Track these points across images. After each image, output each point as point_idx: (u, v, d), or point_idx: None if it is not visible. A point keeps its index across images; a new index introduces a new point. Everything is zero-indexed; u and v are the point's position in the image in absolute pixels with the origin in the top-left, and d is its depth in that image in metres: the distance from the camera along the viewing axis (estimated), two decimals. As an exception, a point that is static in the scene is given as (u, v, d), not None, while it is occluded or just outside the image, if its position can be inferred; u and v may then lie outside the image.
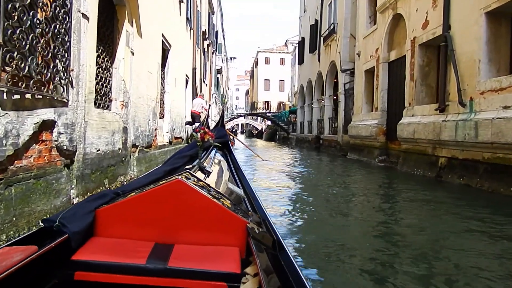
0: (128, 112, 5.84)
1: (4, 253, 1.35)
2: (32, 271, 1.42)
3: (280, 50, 65.69)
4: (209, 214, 1.86)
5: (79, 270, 1.57)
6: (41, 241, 1.53)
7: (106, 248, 1.69)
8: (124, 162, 5.73)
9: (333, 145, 17.63)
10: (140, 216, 1.86)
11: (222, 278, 1.56)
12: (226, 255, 1.72)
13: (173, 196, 1.85)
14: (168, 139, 9.99)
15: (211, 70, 29.67)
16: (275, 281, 1.39)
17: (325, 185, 8.22)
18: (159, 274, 1.56)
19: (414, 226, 4.49)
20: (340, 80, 16.75)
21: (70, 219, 1.69)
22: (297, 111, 28.10)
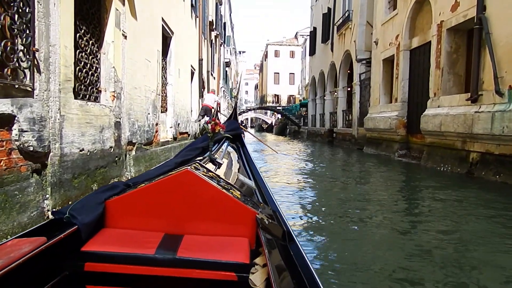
0: (122, 104, 5.11)
1: (13, 245, 1.35)
2: (42, 263, 1.41)
3: (290, 42, 64.62)
4: (219, 205, 1.85)
5: (89, 261, 1.57)
6: (51, 233, 1.51)
7: (116, 239, 1.69)
8: (118, 162, 5.01)
9: (347, 138, 16.77)
10: (149, 207, 1.86)
11: (231, 268, 1.56)
12: (235, 245, 1.72)
13: (182, 186, 1.84)
14: (172, 135, 9.26)
15: (219, 63, 28.87)
16: (284, 272, 1.36)
17: (341, 180, 7.44)
18: (168, 264, 1.55)
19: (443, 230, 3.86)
20: (355, 70, 15.85)
21: (80, 210, 1.69)
22: (309, 104, 27.19)
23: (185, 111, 11.35)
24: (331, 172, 8.72)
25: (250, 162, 3.63)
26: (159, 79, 7.66)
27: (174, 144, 9.37)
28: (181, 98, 10.54)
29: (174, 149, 9.19)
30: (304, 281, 1.27)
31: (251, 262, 1.59)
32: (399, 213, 4.77)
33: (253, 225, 1.84)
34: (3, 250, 1.32)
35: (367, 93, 14.94)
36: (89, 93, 4.33)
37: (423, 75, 10.25)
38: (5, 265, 1.22)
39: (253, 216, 1.84)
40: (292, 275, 1.33)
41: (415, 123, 10.62)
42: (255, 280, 1.48)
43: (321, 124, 23.34)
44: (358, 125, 15.41)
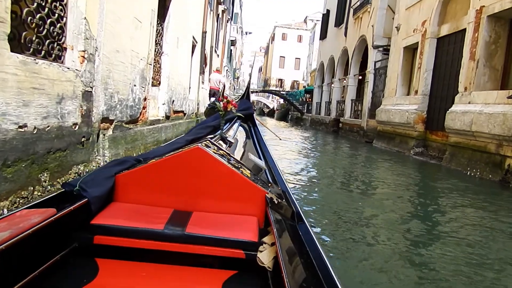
0: (95, 69, 4.00)
1: (23, 215, 1.35)
2: (51, 234, 1.41)
3: (298, 26, 62.93)
4: (228, 183, 1.85)
5: (98, 234, 1.57)
6: (61, 205, 1.52)
7: (125, 213, 1.70)
8: (86, 144, 3.94)
9: (355, 130, 15.69)
10: (159, 183, 1.85)
11: (239, 246, 1.56)
12: (244, 223, 1.72)
13: (192, 163, 1.84)
14: (165, 113, 8.16)
15: (224, 40, 27.50)
16: (292, 250, 1.37)
17: (352, 179, 6.41)
18: (176, 240, 1.56)
19: (471, 245, 3.31)
20: (370, 57, 14.65)
21: (90, 183, 1.69)
22: (314, 91, 25.98)
23: (182, 87, 10.21)
24: (340, 169, 7.67)
25: (261, 142, 3.60)
26: (152, 45, 6.52)
27: (166, 124, 8.28)
28: (178, 71, 9.39)
29: (166, 130, 8.10)
30: (312, 261, 1.27)
31: (260, 241, 1.58)
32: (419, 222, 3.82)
33: (262, 204, 1.84)
34: (12, 220, 1.31)
35: (382, 83, 13.80)
36: (46, 48, 3.20)
37: (451, 67, 9.12)
38: (14, 235, 1.20)
39: (262, 195, 1.84)
40: (300, 254, 1.34)
41: (436, 119, 9.55)
42: (263, 258, 1.47)
43: (327, 113, 22.21)
44: (368, 117, 14.31)
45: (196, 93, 13.34)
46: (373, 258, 2.88)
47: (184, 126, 10.71)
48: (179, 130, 9.79)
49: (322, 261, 1.27)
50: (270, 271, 1.45)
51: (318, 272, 1.22)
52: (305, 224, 1.64)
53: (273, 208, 1.73)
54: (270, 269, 1.45)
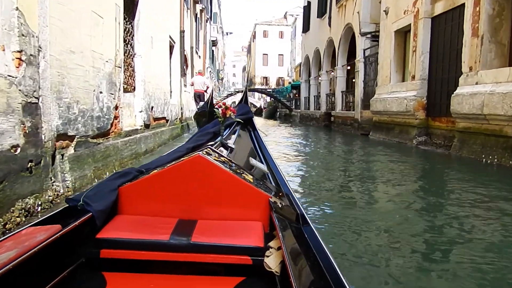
0: (41, 75, 3.18)
1: (28, 233, 1.35)
2: (58, 250, 1.41)
3: (279, 22, 62.36)
4: (231, 189, 1.85)
5: (105, 247, 1.56)
6: (66, 220, 1.52)
7: (130, 225, 1.70)
8: (36, 170, 3.11)
9: (348, 123, 15.00)
10: (162, 193, 1.85)
11: (245, 252, 1.55)
12: (249, 229, 1.70)
13: (194, 171, 1.84)
14: (143, 121, 7.33)
15: (205, 41, 26.65)
16: (299, 254, 1.34)
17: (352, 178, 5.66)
18: (183, 250, 1.55)
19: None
20: (358, 46, 13.96)
21: (93, 197, 1.69)
22: (301, 86, 25.25)
23: (162, 92, 9.37)
24: (339, 166, 6.92)
25: (262, 146, 3.60)
26: (120, 45, 5.69)
27: (146, 134, 7.44)
28: (155, 74, 8.55)
29: (146, 141, 7.27)
30: (320, 264, 1.25)
31: (266, 246, 1.57)
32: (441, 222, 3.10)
33: (266, 209, 1.83)
34: (18, 239, 1.30)
35: (373, 71, 13.12)
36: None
37: (451, 47, 8.45)
38: (21, 253, 1.20)
39: (266, 200, 1.83)
40: (307, 257, 1.31)
41: (439, 104, 8.88)
42: (270, 263, 1.46)
43: (316, 107, 21.51)
44: (362, 108, 13.62)
45: (178, 97, 12.51)
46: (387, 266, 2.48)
47: (168, 133, 9.87)
48: (161, 139, 8.95)
49: (329, 263, 1.25)
50: (278, 275, 1.44)
51: (326, 274, 1.18)
52: (310, 226, 1.61)
53: (277, 212, 1.72)
54: (277, 274, 1.44)
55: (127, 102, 6.73)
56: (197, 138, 2.89)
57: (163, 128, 9.40)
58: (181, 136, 12.24)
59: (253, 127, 4.26)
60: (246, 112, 4.32)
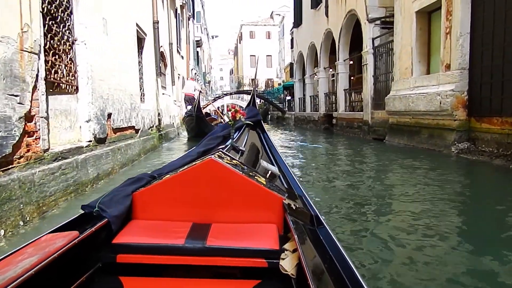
0: None
1: (47, 240, 1.37)
2: (75, 256, 1.43)
3: (265, 22, 60.51)
4: (244, 192, 1.84)
5: (121, 252, 1.58)
6: (82, 226, 1.54)
7: (145, 230, 1.71)
8: None
9: (355, 125, 12.93)
10: (176, 197, 1.86)
11: (261, 255, 1.54)
12: (263, 232, 1.70)
13: (206, 175, 1.84)
14: (93, 135, 5.15)
15: (188, 40, 24.47)
16: (315, 256, 1.33)
17: (381, 208, 3.54)
18: (198, 253, 1.56)
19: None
20: (365, 35, 11.92)
21: (108, 203, 1.72)
22: (295, 85, 23.14)
23: (127, 94, 7.17)
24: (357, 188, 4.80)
25: (272, 148, 3.58)
26: (36, 18, 3.52)
27: (99, 151, 5.24)
28: (114, 71, 6.36)
29: (97, 162, 5.08)
30: (336, 265, 1.23)
31: (281, 248, 1.55)
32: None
33: (280, 211, 1.82)
34: (38, 245, 1.33)
35: (385, 63, 11.10)
36: None
37: (506, 23, 6.42)
38: (42, 259, 1.22)
39: (279, 202, 1.82)
40: (323, 259, 1.30)
41: (487, 100, 6.84)
42: (286, 265, 1.45)
43: (313, 108, 19.44)
44: (372, 107, 11.57)
45: (153, 101, 10.29)
46: None
47: (138, 147, 7.66)
48: (127, 155, 6.74)
49: (347, 265, 1.22)
50: (294, 278, 1.41)
51: (343, 276, 1.16)
52: (325, 228, 1.59)
53: (291, 214, 1.71)
54: (293, 276, 1.41)
55: (62, 108, 4.54)
56: (207, 142, 2.91)
57: (131, 141, 7.19)
58: (158, 147, 10.02)
59: (262, 129, 4.18)
60: (255, 115, 4.25)
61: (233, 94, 36.97)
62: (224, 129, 3.19)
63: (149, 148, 8.85)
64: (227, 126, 3.11)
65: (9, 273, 1.12)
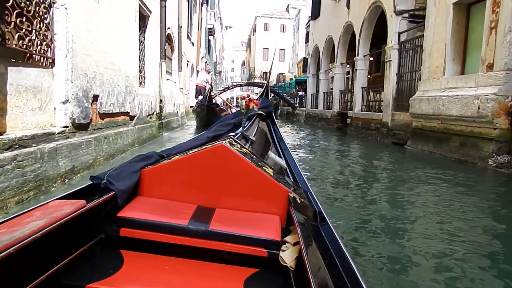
0: None
1: (54, 206, 1.40)
2: (80, 225, 1.47)
3: (281, 15, 59.31)
4: (251, 181, 1.84)
5: (124, 226, 1.60)
6: (89, 197, 1.56)
7: (150, 207, 1.72)
8: None
9: (372, 127, 11.96)
10: (183, 179, 1.87)
11: (262, 244, 1.55)
12: (266, 222, 1.71)
13: (216, 160, 1.85)
14: (70, 119, 4.28)
15: (200, 27, 23.53)
16: (316, 251, 1.34)
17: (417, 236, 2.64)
18: (200, 236, 1.57)
19: None
20: (390, 29, 10.91)
21: (116, 177, 1.73)
22: (308, 81, 22.10)
23: (122, 76, 6.28)
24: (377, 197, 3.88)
25: (281, 141, 3.56)
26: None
27: (77, 140, 4.37)
28: (105, 46, 5.46)
29: (73, 152, 4.19)
30: (337, 262, 1.24)
31: (282, 240, 1.56)
32: None
33: (285, 204, 1.82)
34: (45, 210, 1.36)
35: (411, 61, 10.10)
36: None
37: None
38: (48, 224, 1.24)
39: (285, 194, 1.83)
40: (324, 255, 1.30)
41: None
42: (286, 257, 1.45)
43: (326, 106, 18.43)
44: (393, 108, 10.58)
45: (155, 86, 9.40)
46: None
47: (132, 135, 6.79)
48: (117, 145, 5.87)
49: (347, 263, 1.23)
50: (293, 270, 1.42)
51: (343, 274, 1.16)
52: (328, 224, 1.60)
53: (296, 207, 1.70)
54: (292, 269, 1.42)
55: (29, 84, 3.66)
56: (217, 128, 2.85)
57: (123, 129, 6.32)
58: (157, 137, 9.15)
59: (272, 121, 4.15)
60: (267, 106, 4.20)
61: (244, 86, 35.98)
62: (236, 117, 3.16)
63: (146, 138, 7.98)
64: (239, 114, 3.09)
65: (17, 233, 1.14)
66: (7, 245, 1.08)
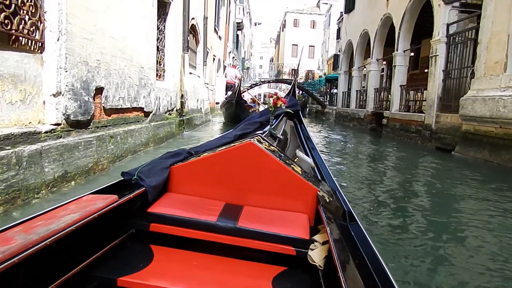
0: None
1: (88, 200, 1.41)
2: (112, 219, 1.48)
3: (311, 11, 57.91)
4: (280, 179, 1.83)
5: (154, 222, 1.62)
6: (121, 192, 1.57)
7: (180, 203, 1.74)
8: None
9: (412, 129, 10.84)
10: (211, 176, 1.87)
11: (290, 242, 1.53)
12: (294, 220, 1.70)
13: (244, 158, 1.84)
14: (63, 115, 3.55)
15: (228, 21, 22.77)
16: (346, 251, 1.29)
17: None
18: (229, 233, 1.57)
19: None
20: (438, 20, 9.76)
21: (147, 173, 1.74)
22: (340, 78, 20.96)
23: (135, 66, 5.55)
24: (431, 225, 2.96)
25: (309, 140, 3.53)
26: None
27: (71, 140, 3.62)
28: (115, 32, 4.73)
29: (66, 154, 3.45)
30: (368, 264, 1.19)
31: (310, 239, 1.54)
32: None
33: (313, 202, 1.80)
34: (79, 204, 1.37)
35: (459, 56, 8.95)
36: None
37: None
38: (82, 217, 1.26)
39: (314, 193, 1.80)
40: (354, 255, 1.26)
41: None
42: (314, 256, 1.42)
43: (359, 105, 17.30)
44: (438, 109, 9.45)
45: (176, 80, 8.67)
46: None
47: (146, 134, 6.06)
48: (127, 145, 5.16)
49: (379, 264, 1.17)
50: (321, 270, 1.41)
51: (374, 275, 1.11)
52: (358, 224, 1.53)
53: (324, 206, 1.68)
54: (321, 268, 1.41)
55: (7, 72, 2.94)
56: (244, 126, 2.87)
57: (135, 126, 5.60)
58: (176, 136, 8.43)
59: (299, 120, 4.11)
60: (294, 104, 4.20)
61: (272, 82, 35.08)
62: (263, 115, 3.20)
63: (163, 136, 7.26)
64: (267, 112, 3.13)
65: (53, 225, 1.16)
66: (44, 237, 1.10)
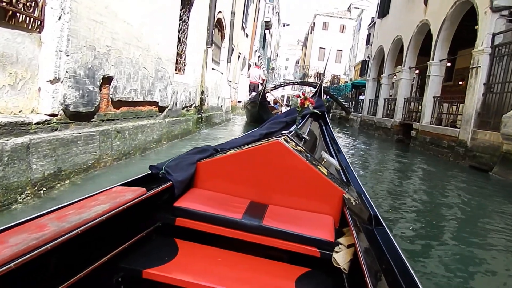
0: None
1: (117, 191, 1.45)
2: (139, 211, 1.50)
3: (341, 15, 56.89)
4: (306, 179, 1.81)
5: (180, 216, 1.64)
6: (148, 185, 1.58)
7: (205, 199, 1.75)
8: None
9: (443, 144, 10.11)
10: (237, 173, 1.88)
11: (314, 244, 1.53)
12: (320, 222, 1.68)
13: (270, 156, 1.84)
14: (61, 105, 3.12)
15: (256, 19, 22.32)
16: (372, 255, 1.26)
17: None
18: (253, 231, 1.57)
19: None
20: (482, 29, 9.02)
21: (174, 168, 1.76)
22: (368, 84, 20.18)
23: (151, 57, 5.12)
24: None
25: (334, 142, 3.49)
26: None
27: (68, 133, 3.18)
28: (129, 17, 4.30)
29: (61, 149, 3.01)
30: (394, 268, 1.16)
31: (335, 241, 1.52)
32: None
33: (339, 204, 1.78)
34: (109, 195, 1.40)
35: (504, 69, 8.22)
36: None
37: None
38: (112, 208, 1.29)
39: (340, 195, 1.78)
40: (380, 259, 1.22)
41: None
42: (339, 259, 1.41)
43: (386, 114, 16.54)
44: (476, 125, 8.72)
45: (197, 74, 8.23)
46: None
47: (160, 130, 5.63)
48: (136, 141, 4.73)
49: (405, 269, 1.15)
50: (346, 273, 1.38)
51: (400, 281, 1.08)
52: (384, 229, 1.49)
53: (350, 209, 1.66)
54: (345, 271, 1.38)
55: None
56: (270, 126, 2.85)
57: (147, 121, 5.17)
58: (193, 133, 7.99)
59: (325, 121, 4.09)
60: (321, 106, 4.26)
61: (296, 84, 34.43)
62: (288, 115, 3.16)
63: (178, 134, 6.82)
64: (293, 112, 3.11)
65: (84, 214, 1.18)
66: (75, 225, 1.12)
